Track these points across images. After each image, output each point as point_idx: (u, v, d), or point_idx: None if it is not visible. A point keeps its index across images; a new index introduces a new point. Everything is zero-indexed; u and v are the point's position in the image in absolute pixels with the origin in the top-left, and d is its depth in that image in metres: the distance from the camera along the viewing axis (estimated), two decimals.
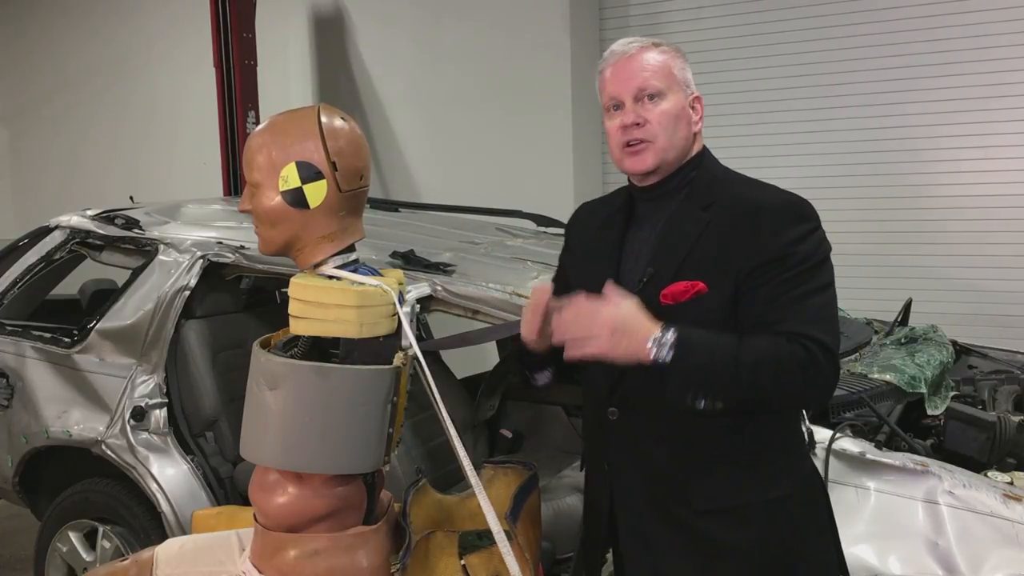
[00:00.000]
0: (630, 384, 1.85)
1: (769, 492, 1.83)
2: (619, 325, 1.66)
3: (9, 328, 3.65)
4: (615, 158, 1.90)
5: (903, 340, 3.20)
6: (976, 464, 2.42)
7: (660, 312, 1.76)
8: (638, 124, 1.82)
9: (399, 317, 1.98)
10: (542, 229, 4.11)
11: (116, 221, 3.56)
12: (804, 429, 2.21)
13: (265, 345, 2.10)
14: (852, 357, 2.94)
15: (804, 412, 2.24)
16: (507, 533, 1.92)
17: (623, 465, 1.90)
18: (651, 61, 1.84)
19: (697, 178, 1.88)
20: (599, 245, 1.96)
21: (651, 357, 1.66)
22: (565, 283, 2.06)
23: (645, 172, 1.86)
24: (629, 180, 1.96)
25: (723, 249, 1.78)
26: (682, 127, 1.85)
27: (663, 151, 1.83)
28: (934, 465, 2.25)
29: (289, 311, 2.00)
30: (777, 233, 1.75)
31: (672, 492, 1.85)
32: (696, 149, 1.90)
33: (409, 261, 2.97)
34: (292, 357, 2.00)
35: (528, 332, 1.86)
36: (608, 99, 1.87)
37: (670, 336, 1.67)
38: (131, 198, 4.29)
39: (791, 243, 1.75)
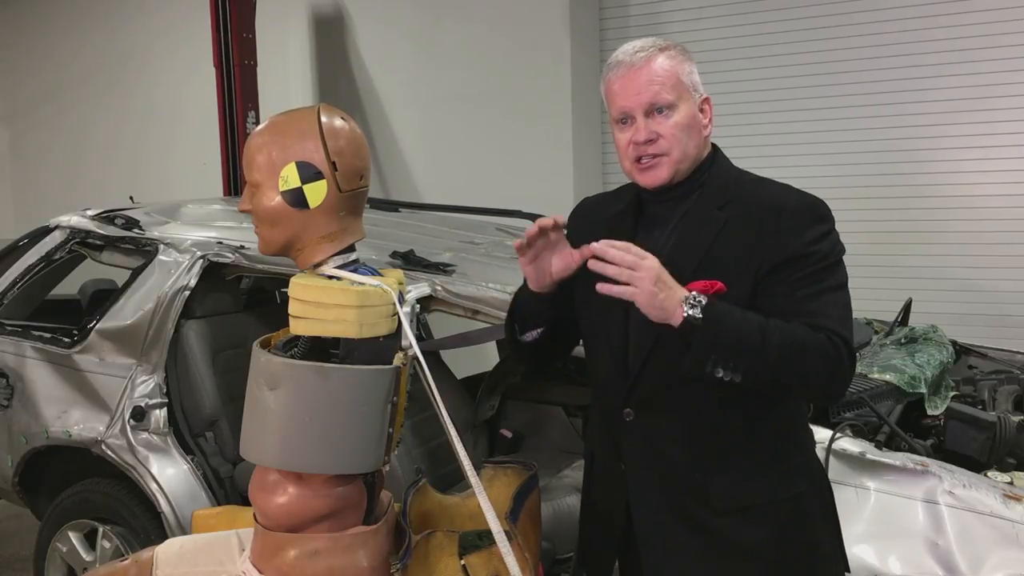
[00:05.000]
0: (648, 386, 1.85)
1: (785, 490, 1.84)
2: (662, 277, 1.67)
3: (9, 328, 3.65)
4: (625, 170, 1.88)
5: (903, 340, 3.20)
6: (976, 464, 2.42)
7: None
8: (651, 140, 1.81)
9: (399, 317, 1.98)
10: None
11: (116, 221, 3.56)
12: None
13: (265, 345, 2.10)
14: None
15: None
16: (507, 533, 1.92)
17: (639, 465, 1.89)
18: (660, 72, 1.81)
19: (710, 179, 1.87)
20: None
21: (683, 314, 1.66)
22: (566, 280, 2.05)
23: (660, 186, 1.85)
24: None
25: (743, 248, 1.78)
26: (694, 135, 1.83)
27: (677, 163, 1.83)
28: (934, 465, 2.25)
29: (289, 311, 2.00)
30: (797, 233, 1.76)
31: (690, 492, 1.84)
32: (707, 150, 1.89)
33: (409, 261, 2.97)
34: (292, 357, 2.00)
35: (529, 235, 1.82)
36: (617, 112, 1.85)
37: (701, 298, 1.68)
38: (131, 198, 4.29)
39: (810, 243, 1.76)
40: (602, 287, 1.69)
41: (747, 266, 1.77)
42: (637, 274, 1.66)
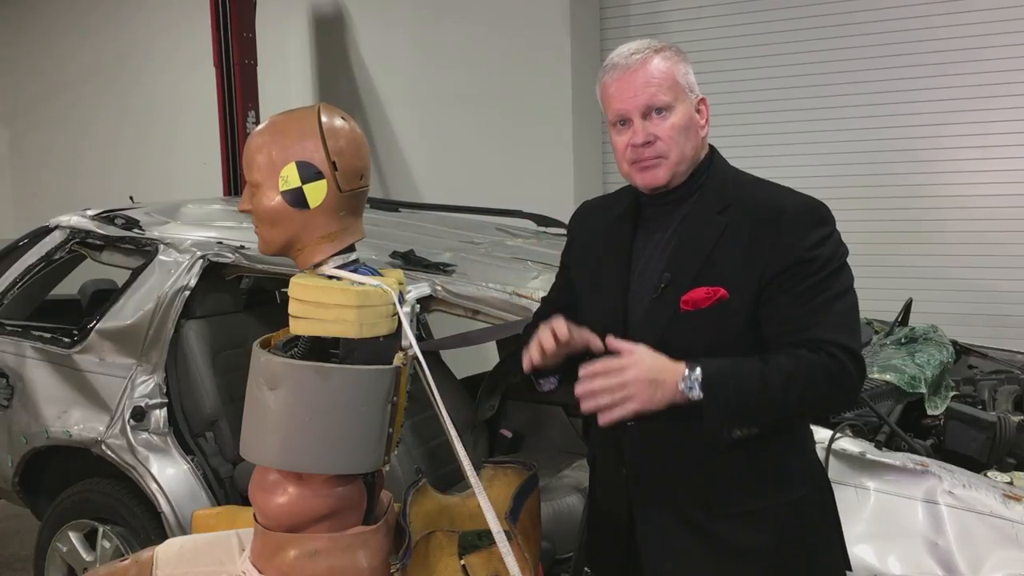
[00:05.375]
0: None
1: (786, 494, 1.84)
2: (651, 377, 1.67)
3: (9, 328, 3.65)
4: (623, 172, 1.88)
5: (903, 340, 3.20)
6: (976, 464, 2.42)
7: (680, 319, 1.77)
8: (648, 142, 1.81)
9: (399, 317, 1.98)
10: (542, 229, 4.10)
11: (116, 221, 3.56)
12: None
13: (265, 345, 2.10)
14: None
15: None
16: (507, 533, 1.92)
17: (640, 470, 1.89)
18: (656, 73, 1.80)
19: (708, 181, 1.86)
20: (607, 249, 1.94)
21: (684, 398, 1.68)
22: (568, 281, 2.06)
23: (659, 188, 1.85)
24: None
25: (744, 254, 1.77)
26: (692, 136, 1.83)
27: (675, 165, 1.82)
28: (934, 465, 2.25)
29: (289, 311, 2.00)
30: (799, 237, 1.75)
31: (691, 497, 1.84)
32: (704, 151, 1.89)
33: (409, 261, 2.97)
34: (292, 357, 2.00)
35: (528, 366, 1.85)
36: (614, 115, 1.84)
37: (697, 375, 1.68)
38: (131, 198, 4.29)
39: (813, 247, 1.75)
40: (604, 420, 1.71)
41: (749, 272, 1.76)
42: (629, 390, 1.67)
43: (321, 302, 1.95)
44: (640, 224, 1.92)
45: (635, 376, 1.67)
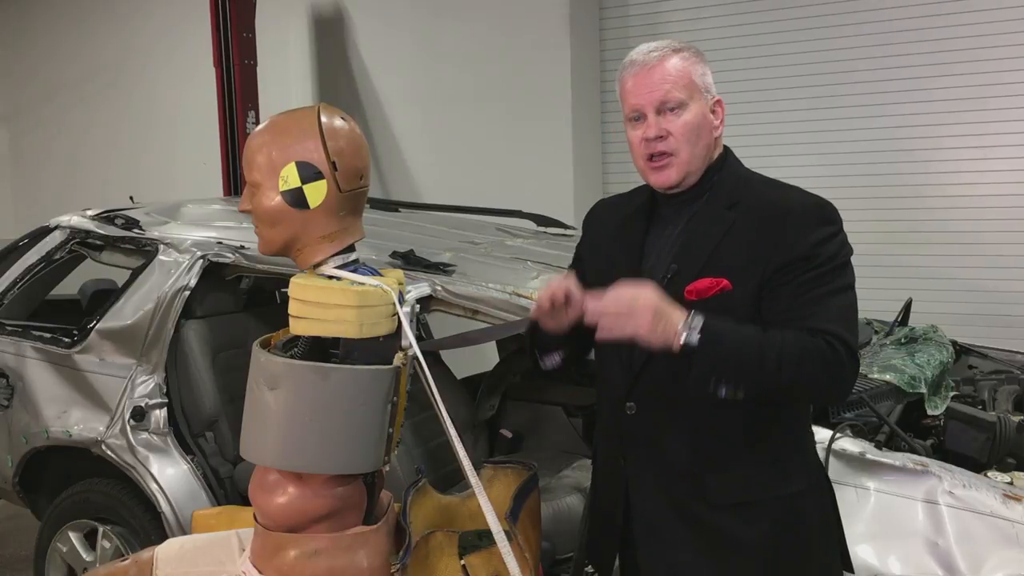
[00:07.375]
0: (650, 380, 1.87)
1: (784, 487, 1.85)
2: (658, 308, 1.70)
3: (9, 328, 3.65)
4: (639, 168, 1.91)
5: (903, 340, 3.20)
6: (976, 464, 2.42)
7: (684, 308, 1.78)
8: (661, 137, 1.84)
9: (399, 317, 1.98)
10: (542, 229, 4.11)
11: (116, 221, 3.56)
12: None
13: (265, 345, 2.10)
14: None
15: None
16: (507, 533, 1.92)
17: (639, 459, 1.92)
18: (672, 71, 1.84)
19: (720, 180, 1.90)
20: (620, 244, 1.98)
21: (681, 341, 1.69)
22: (580, 276, 2.07)
23: (670, 187, 1.88)
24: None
25: (749, 248, 1.80)
26: (704, 135, 1.86)
27: (687, 164, 1.86)
28: (934, 465, 2.25)
29: (289, 311, 2.00)
30: (804, 234, 1.78)
31: (688, 486, 1.86)
32: (718, 151, 1.92)
33: (409, 261, 2.97)
34: (292, 357, 2.00)
35: (537, 311, 1.86)
36: (630, 109, 1.88)
37: (698, 322, 1.70)
38: (131, 198, 4.29)
39: (817, 244, 1.78)
40: (601, 336, 1.73)
41: (753, 266, 1.79)
42: (636, 310, 1.69)
43: (321, 302, 1.95)
44: (653, 220, 1.96)
45: (644, 302, 1.69)
